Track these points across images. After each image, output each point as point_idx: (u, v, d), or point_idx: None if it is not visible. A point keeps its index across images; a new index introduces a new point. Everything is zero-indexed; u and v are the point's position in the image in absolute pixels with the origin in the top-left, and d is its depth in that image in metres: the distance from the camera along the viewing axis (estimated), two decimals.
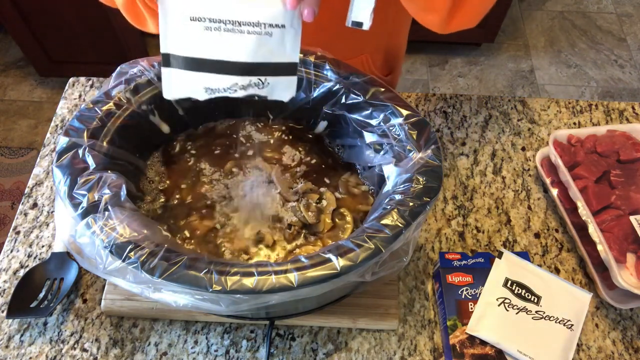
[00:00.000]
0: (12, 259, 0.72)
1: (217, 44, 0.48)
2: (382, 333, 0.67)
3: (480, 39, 2.11)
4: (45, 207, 0.77)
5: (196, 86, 0.51)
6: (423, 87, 2.10)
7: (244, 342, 0.66)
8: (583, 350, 0.66)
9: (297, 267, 0.46)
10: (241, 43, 0.48)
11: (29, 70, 2.11)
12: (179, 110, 0.65)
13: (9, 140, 1.93)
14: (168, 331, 0.67)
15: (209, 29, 0.47)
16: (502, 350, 0.61)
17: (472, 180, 0.81)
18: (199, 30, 0.47)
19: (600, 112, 0.89)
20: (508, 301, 0.63)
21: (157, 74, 0.61)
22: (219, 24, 0.47)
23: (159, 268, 0.45)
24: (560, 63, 2.17)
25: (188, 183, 0.64)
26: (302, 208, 0.60)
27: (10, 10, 1.72)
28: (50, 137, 0.85)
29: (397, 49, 0.90)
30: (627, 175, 0.73)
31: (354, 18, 0.49)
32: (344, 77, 0.62)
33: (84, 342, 0.65)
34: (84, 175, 0.51)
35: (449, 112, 0.89)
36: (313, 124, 0.69)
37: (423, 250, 0.74)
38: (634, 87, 2.09)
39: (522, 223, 0.77)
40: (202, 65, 0.49)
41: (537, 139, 0.86)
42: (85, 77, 0.92)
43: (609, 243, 0.66)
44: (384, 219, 0.50)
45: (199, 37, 0.48)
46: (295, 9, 0.46)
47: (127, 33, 1.81)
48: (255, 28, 0.47)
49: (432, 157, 0.54)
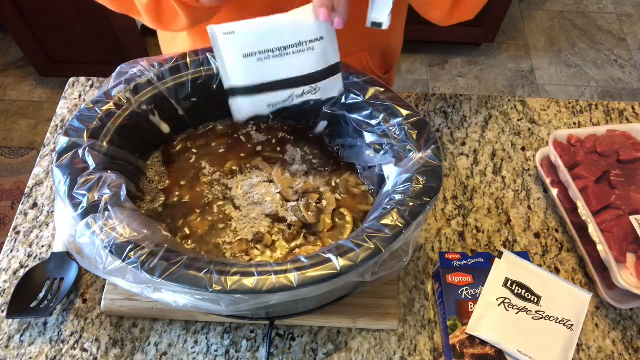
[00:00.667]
0: (12, 259, 0.72)
1: (270, 69, 0.55)
2: (382, 333, 0.67)
3: (480, 39, 2.11)
4: (45, 207, 0.77)
5: (259, 106, 0.58)
6: (423, 87, 2.10)
7: (244, 342, 0.66)
8: (583, 350, 0.66)
9: (297, 267, 0.46)
10: (290, 63, 0.55)
11: (29, 70, 2.12)
12: (179, 110, 0.65)
13: (9, 140, 1.93)
14: (168, 331, 0.67)
15: (261, 59, 0.54)
16: (502, 350, 0.61)
17: (472, 180, 0.81)
18: (253, 63, 0.54)
19: (600, 112, 0.89)
20: (508, 301, 0.63)
21: (157, 74, 0.61)
22: (267, 53, 0.54)
23: (159, 268, 0.45)
24: (560, 63, 2.17)
25: (188, 183, 0.64)
26: (302, 208, 0.60)
27: (10, 10, 1.72)
28: (50, 137, 0.85)
29: (395, 47, 0.90)
30: (627, 175, 0.73)
31: (374, 19, 0.53)
32: (344, 77, 0.62)
33: (84, 342, 0.66)
34: (84, 175, 0.51)
35: (449, 112, 0.89)
36: (313, 124, 0.69)
37: (423, 250, 0.74)
38: (634, 87, 2.09)
39: (522, 223, 0.77)
40: (261, 89, 0.57)
41: (537, 139, 0.86)
42: (85, 77, 0.92)
43: (609, 243, 0.66)
44: (384, 219, 0.50)
45: (254, 68, 0.55)
46: (327, 20, 0.51)
47: (127, 33, 1.81)
48: (298, 47, 0.54)
49: (432, 157, 0.54)
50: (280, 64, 0.55)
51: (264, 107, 0.59)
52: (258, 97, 0.57)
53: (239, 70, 0.55)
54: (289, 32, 0.53)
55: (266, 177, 0.64)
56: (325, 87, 0.58)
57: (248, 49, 0.54)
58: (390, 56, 0.91)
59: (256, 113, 0.60)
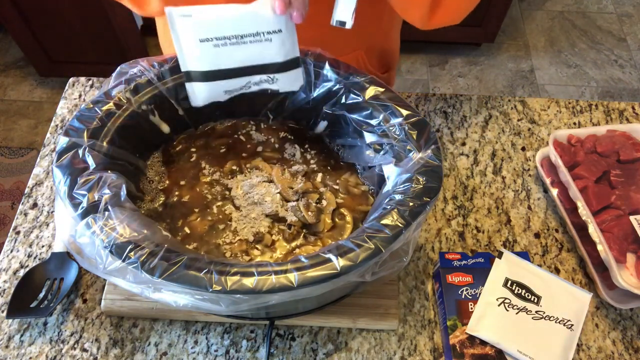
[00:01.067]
0: (12, 259, 0.72)
1: (227, 56, 0.56)
2: (382, 333, 0.67)
3: (480, 39, 2.11)
4: (45, 207, 0.77)
5: (216, 92, 0.59)
6: (423, 87, 2.11)
7: (244, 342, 0.66)
8: (583, 350, 0.66)
9: (297, 267, 0.46)
10: (247, 51, 0.55)
11: (29, 70, 2.12)
12: (179, 110, 0.65)
13: (9, 140, 1.93)
14: (168, 331, 0.67)
15: (217, 45, 0.55)
16: (502, 350, 0.61)
17: (472, 180, 0.81)
18: (209, 48, 0.55)
19: (600, 112, 0.89)
20: (508, 301, 0.63)
21: (157, 74, 0.61)
22: (224, 40, 0.54)
23: (159, 268, 0.45)
24: (560, 63, 2.17)
25: (188, 183, 0.64)
26: (302, 208, 0.60)
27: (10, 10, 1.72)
28: (50, 137, 0.85)
29: (392, 47, 0.90)
30: (627, 175, 0.73)
31: (338, 17, 0.53)
32: (344, 77, 0.62)
33: (84, 342, 0.66)
34: (84, 175, 0.51)
35: (449, 112, 0.89)
36: (313, 124, 0.69)
37: (423, 250, 0.74)
38: (634, 87, 2.09)
39: (522, 223, 0.77)
40: (218, 75, 0.57)
41: (537, 139, 0.86)
42: (85, 77, 0.92)
43: (609, 243, 0.66)
44: (384, 219, 0.50)
45: (210, 53, 0.55)
46: (284, 14, 0.52)
47: (127, 33, 1.81)
48: (255, 37, 0.55)
49: (432, 157, 0.54)
50: (237, 52, 0.55)
51: (220, 93, 0.59)
52: (214, 83, 0.58)
53: (195, 55, 0.56)
54: (247, 22, 0.54)
55: (266, 177, 0.64)
56: (284, 80, 0.59)
57: (205, 34, 0.54)
58: (389, 56, 0.91)
59: (213, 99, 0.60)
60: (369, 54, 0.84)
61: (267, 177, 0.64)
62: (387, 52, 0.89)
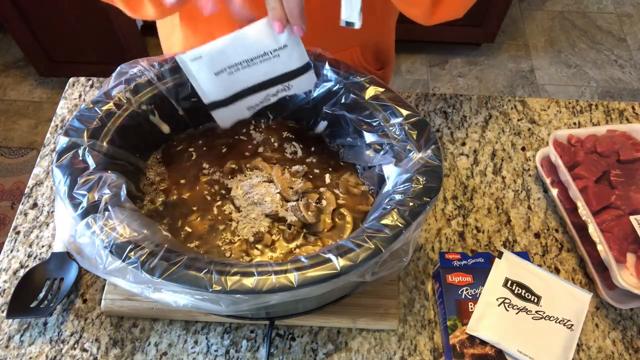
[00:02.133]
0: (12, 259, 0.72)
1: (242, 78, 0.59)
2: (382, 333, 0.67)
3: (480, 39, 2.11)
4: (45, 207, 0.77)
5: (240, 111, 0.63)
6: (423, 87, 2.11)
7: (244, 342, 0.66)
8: (583, 350, 0.66)
9: (297, 267, 0.46)
10: (260, 70, 0.59)
11: (29, 70, 2.12)
12: (179, 110, 0.65)
13: (9, 140, 1.93)
14: (168, 331, 0.67)
15: (232, 72, 0.58)
16: (502, 350, 0.61)
17: (472, 180, 0.81)
18: (225, 77, 0.58)
19: (600, 112, 0.89)
20: (508, 301, 0.63)
21: (157, 74, 0.61)
22: (237, 66, 0.58)
23: (159, 268, 0.45)
24: (560, 63, 2.17)
25: (188, 183, 0.64)
26: (302, 208, 0.60)
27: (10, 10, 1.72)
28: (50, 137, 0.85)
29: (386, 43, 0.90)
30: (627, 175, 0.73)
31: (345, 18, 0.54)
32: (344, 77, 0.62)
33: (84, 342, 0.66)
34: (84, 175, 0.51)
35: (449, 112, 0.89)
36: (313, 124, 0.69)
37: (423, 250, 0.74)
38: (634, 87, 2.09)
39: (522, 223, 0.77)
40: (238, 97, 0.61)
41: (537, 139, 0.86)
42: (85, 77, 0.92)
43: (609, 243, 0.66)
44: (384, 219, 0.50)
45: (227, 81, 0.59)
46: (282, 33, 0.54)
47: (127, 33, 1.81)
48: (264, 57, 0.57)
49: (432, 157, 0.54)
50: (251, 72, 0.58)
51: (244, 111, 0.63)
52: (237, 104, 0.61)
53: (214, 87, 0.59)
54: (253, 46, 0.56)
55: (266, 177, 0.64)
56: (298, 83, 0.62)
57: (217, 67, 0.57)
58: (384, 52, 0.90)
59: (239, 118, 0.64)
60: (364, 50, 0.84)
61: (267, 177, 0.64)
62: (382, 48, 0.89)
